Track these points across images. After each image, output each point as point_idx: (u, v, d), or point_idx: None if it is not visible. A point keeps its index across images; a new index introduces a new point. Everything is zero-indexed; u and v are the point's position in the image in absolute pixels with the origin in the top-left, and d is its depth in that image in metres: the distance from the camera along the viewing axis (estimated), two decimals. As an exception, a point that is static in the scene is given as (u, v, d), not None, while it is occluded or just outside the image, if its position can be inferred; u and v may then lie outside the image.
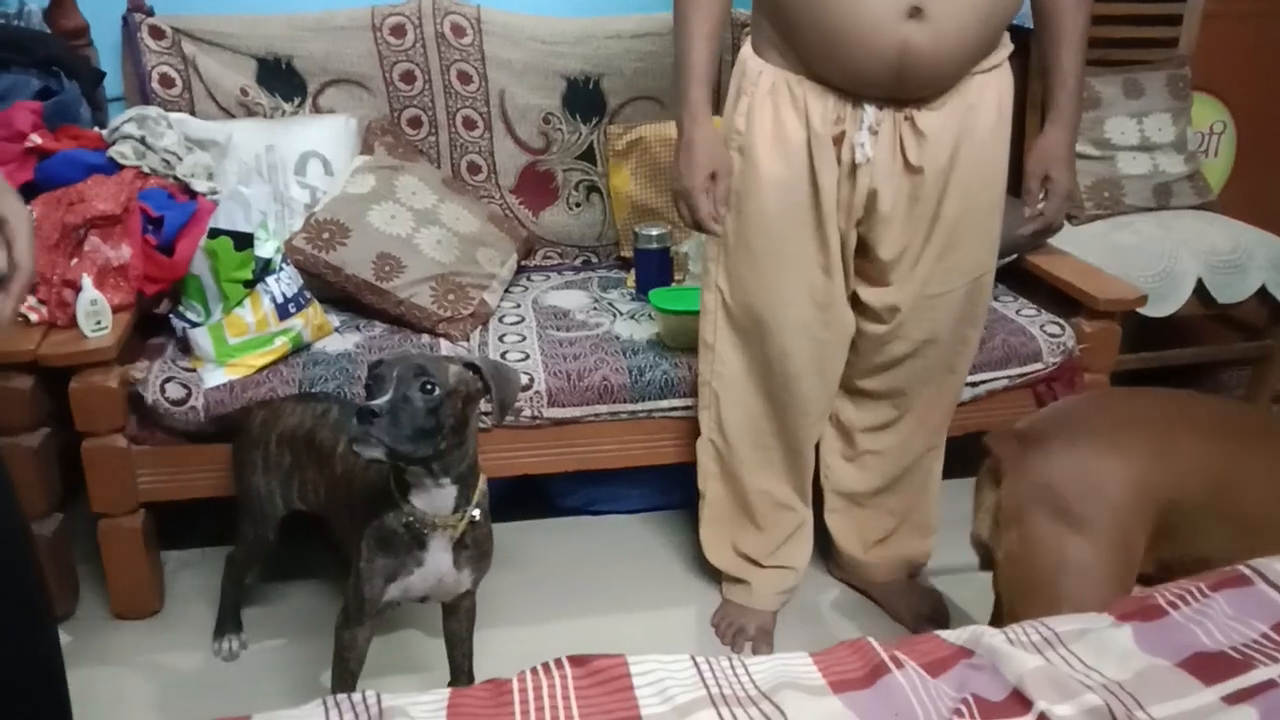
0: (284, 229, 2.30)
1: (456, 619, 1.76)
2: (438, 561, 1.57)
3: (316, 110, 2.51)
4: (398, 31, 2.49)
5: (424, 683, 1.87)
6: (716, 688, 1.08)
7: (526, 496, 2.37)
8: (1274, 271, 2.57)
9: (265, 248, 2.03)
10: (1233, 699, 1.05)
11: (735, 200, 1.77)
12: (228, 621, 1.99)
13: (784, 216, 1.75)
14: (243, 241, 2.00)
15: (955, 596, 2.14)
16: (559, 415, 2.08)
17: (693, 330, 1.98)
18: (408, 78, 2.52)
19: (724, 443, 1.99)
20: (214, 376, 1.98)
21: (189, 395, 1.96)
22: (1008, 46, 1.75)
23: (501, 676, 1.09)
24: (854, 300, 1.87)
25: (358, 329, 2.23)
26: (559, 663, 1.10)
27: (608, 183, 2.63)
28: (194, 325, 2.02)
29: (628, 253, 2.57)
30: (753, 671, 1.11)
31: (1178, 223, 2.64)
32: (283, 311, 2.04)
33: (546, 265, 2.66)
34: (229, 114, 2.45)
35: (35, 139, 2.05)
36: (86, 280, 1.90)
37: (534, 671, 1.09)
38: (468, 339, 2.22)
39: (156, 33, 2.40)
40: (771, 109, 1.71)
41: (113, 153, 2.11)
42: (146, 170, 2.13)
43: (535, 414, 2.06)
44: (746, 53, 1.75)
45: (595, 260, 2.69)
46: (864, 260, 1.83)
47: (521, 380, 2.02)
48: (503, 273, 2.41)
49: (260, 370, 2.02)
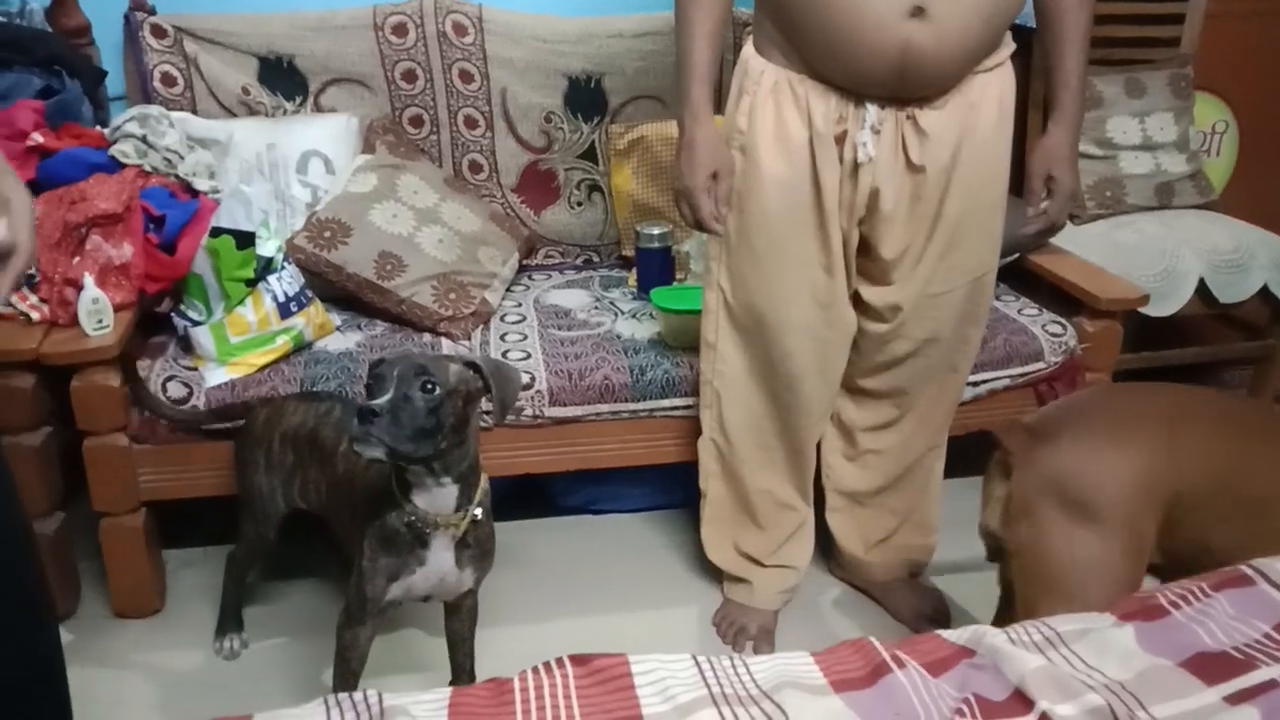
0: (285, 228, 2.30)
1: (458, 618, 1.76)
2: (440, 561, 1.57)
3: (318, 109, 2.51)
4: (399, 30, 2.49)
5: (425, 682, 1.87)
6: (718, 687, 1.07)
7: (528, 496, 2.37)
8: (1276, 271, 2.57)
9: (267, 246, 2.03)
10: (1235, 699, 1.04)
11: (737, 199, 1.77)
12: (229, 620, 1.99)
13: (786, 216, 1.74)
14: (244, 240, 2.00)
15: (956, 596, 2.14)
16: (560, 414, 2.08)
17: (694, 329, 1.98)
18: (409, 76, 2.52)
19: (725, 442, 1.98)
20: (216, 375, 1.98)
21: (191, 394, 1.96)
22: (1010, 45, 1.75)
23: (503, 676, 1.09)
24: (856, 299, 1.87)
25: (359, 328, 2.23)
26: (560, 662, 1.10)
27: (609, 182, 2.63)
28: (196, 324, 2.02)
29: (629, 252, 2.57)
30: (754, 671, 1.11)
31: (1180, 222, 2.64)
32: (284, 310, 2.04)
33: (548, 264, 2.66)
34: (230, 113, 2.45)
35: (37, 138, 2.05)
36: (88, 279, 1.90)
37: (535, 671, 1.09)
38: (469, 338, 2.22)
39: (158, 31, 2.40)
40: (774, 108, 1.70)
41: (114, 151, 2.11)
42: (148, 169, 2.13)
43: (537, 413, 2.06)
44: (748, 52, 1.75)
45: (597, 259, 2.69)
46: (866, 259, 1.83)
47: (522, 379, 2.02)
48: (504, 272, 2.41)
49: (262, 369, 2.02)
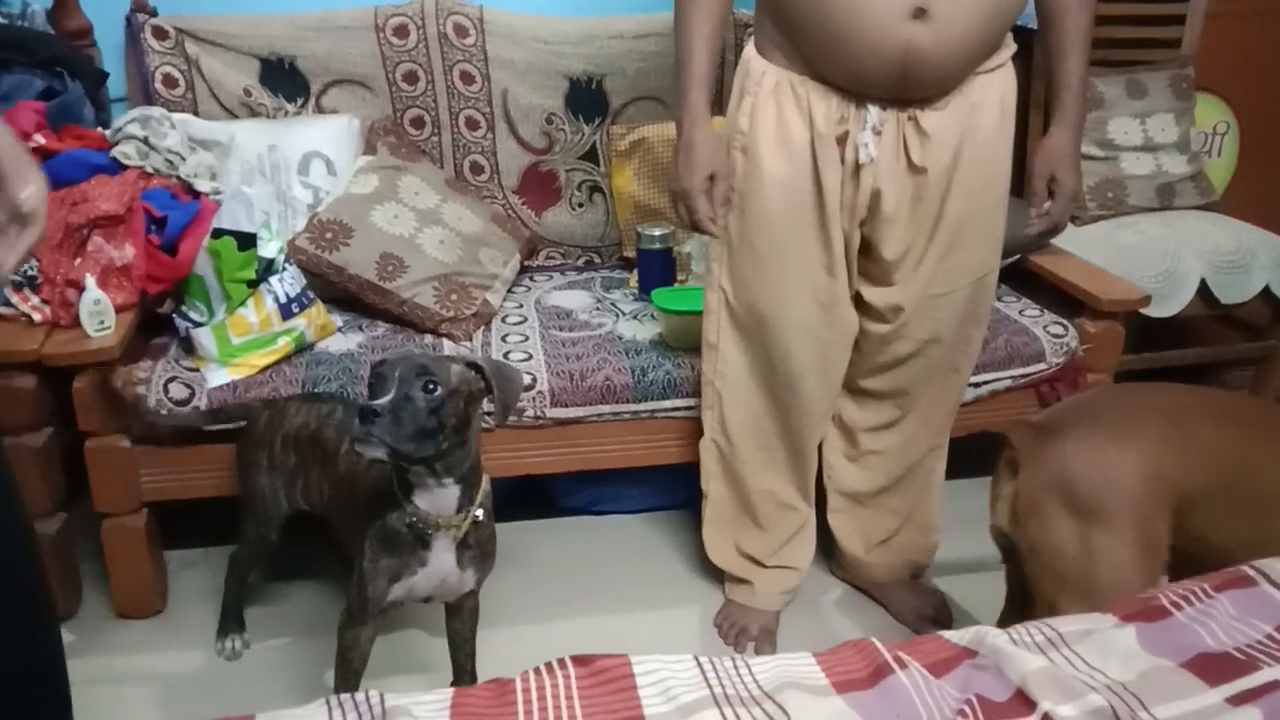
0: (287, 229, 2.30)
1: (460, 619, 1.76)
2: (441, 561, 1.57)
3: (319, 110, 2.51)
4: (400, 32, 2.49)
5: (427, 682, 1.87)
6: (720, 688, 1.08)
7: (529, 496, 2.37)
8: (1277, 271, 2.57)
9: (268, 248, 2.03)
10: (1237, 700, 1.05)
11: (739, 200, 1.77)
12: (231, 621, 1.99)
13: (787, 216, 1.74)
14: (246, 241, 2.00)
15: (958, 597, 2.14)
16: (562, 415, 2.07)
17: (695, 330, 1.98)
18: (410, 78, 2.52)
19: (727, 443, 1.98)
20: (217, 376, 1.98)
21: (192, 395, 1.96)
22: (1011, 46, 1.75)
23: (504, 676, 1.09)
24: (857, 300, 1.87)
25: (360, 329, 2.23)
26: (562, 662, 1.10)
27: (610, 183, 2.63)
28: (197, 325, 2.02)
29: (630, 253, 2.58)
30: (756, 671, 1.11)
31: (1181, 223, 2.64)
32: (286, 311, 2.04)
33: (549, 265, 2.66)
34: (232, 114, 2.45)
35: (39, 139, 2.05)
36: (90, 280, 1.90)
37: (537, 671, 1.09)
38: (470, 339, 2.22)
39: (160, 33, 2.40)
40: (775, 109, 1.70)
41: (116, 153, 2.11)
42: (150, 170, 2.13)
43: (538, 414, 2.06)
44: (750, 53, 1.75)
45: (598, 260, 2.69)
46: (867, 260, 1.83)
47: (524, 380, 2.02)
48: (505, 273, 2.41)
49: (263, 370, 2.02)
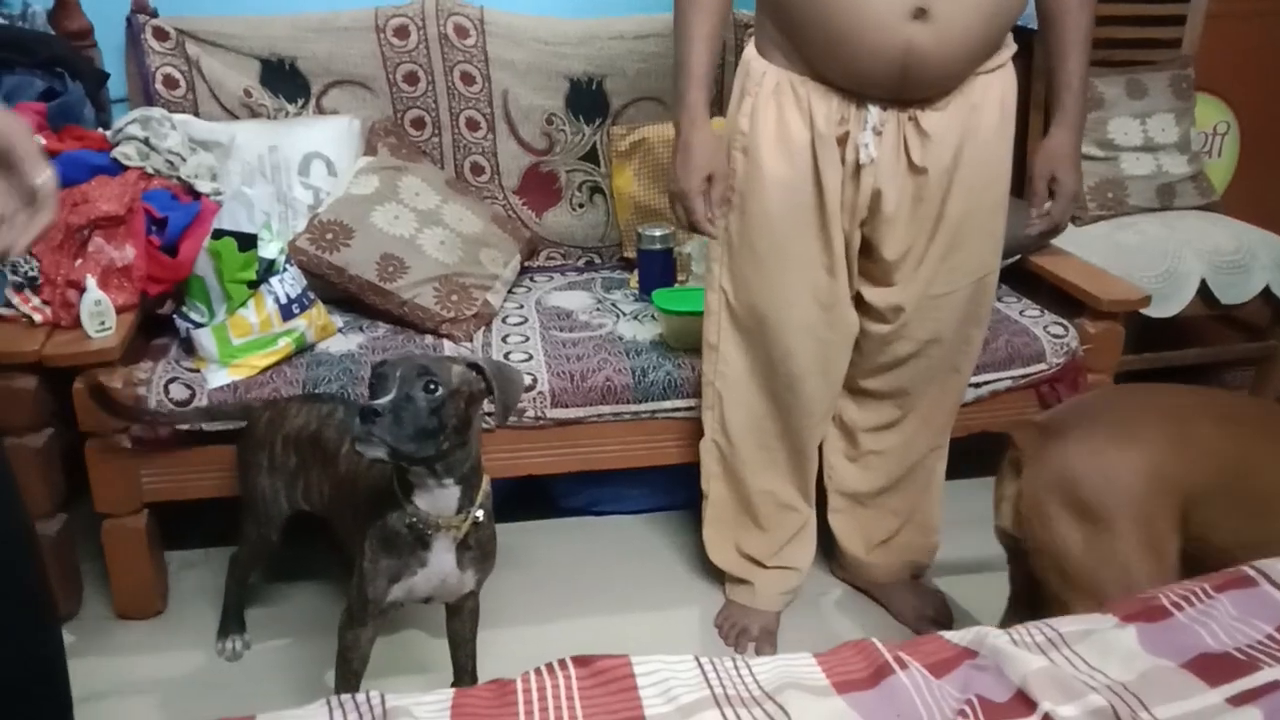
0: (287, 230, 2.30)
1: (460, 619, 1.76)
2: (441, 562, 1.57)
3: (320, 111, 2.51)
4: (401, 33, 2.49)
5: (427, 683, 1.87)
6: (720, 688, 1.08)
7: (530, 497, 2.37)
8: (1277, 272, 2.57)
9: (269, 248, 2.03)
10: (1237, 700, 1.04)
11: (739, 201, 1.77)
12: (231, 622, 1.99)
13: (788, 217, 1.74)
14: (246, 242, 2.00)
15: (958, 597, 2.14)
16: (562, 416, 2.07)
17: (696, 331, 1.98)
18: (411, 79, 2.52)
19: (727, 443, 1.98)
20: (218, 377, 1.99)
21: (193, 396, 1.96)
22: (1011, 47, 1.75)
23: (505, 677, 1.09)
24: (858, 300, 1.87)
25: (361, 330, 2.23)
26: (563, 663, 1.10)
27: (611, 183, 2.63)
28: (198, 326, 2.02)
29: (631, 253, 2.58)
30: (756, 672, 1.11)
31: (1181, 223, 2.64)
32: (286, 312, 2.04)
33: (549, 266, 2.66)
34: (232, 115, 2.45)
35: (39, 140, 2.05)
36: (91, 281, 1.90)
37: (538, 672, 1.09)
38: (471, 340, 2.22)
39: (160, 34, 2.40)
40: (775, 109, 1.70)
41: (117, 154, 2.11)
42: (150, 171, 2.13)
43: (539, 415, 2.06)
44: (750, 53, 1.75)
45: (598, 261, 2.69)
46: (868, 260, 1.83)
47: (524, 381, 2.02)
48: (506, 273, 2.41)
49: (264, 371, 2.02)
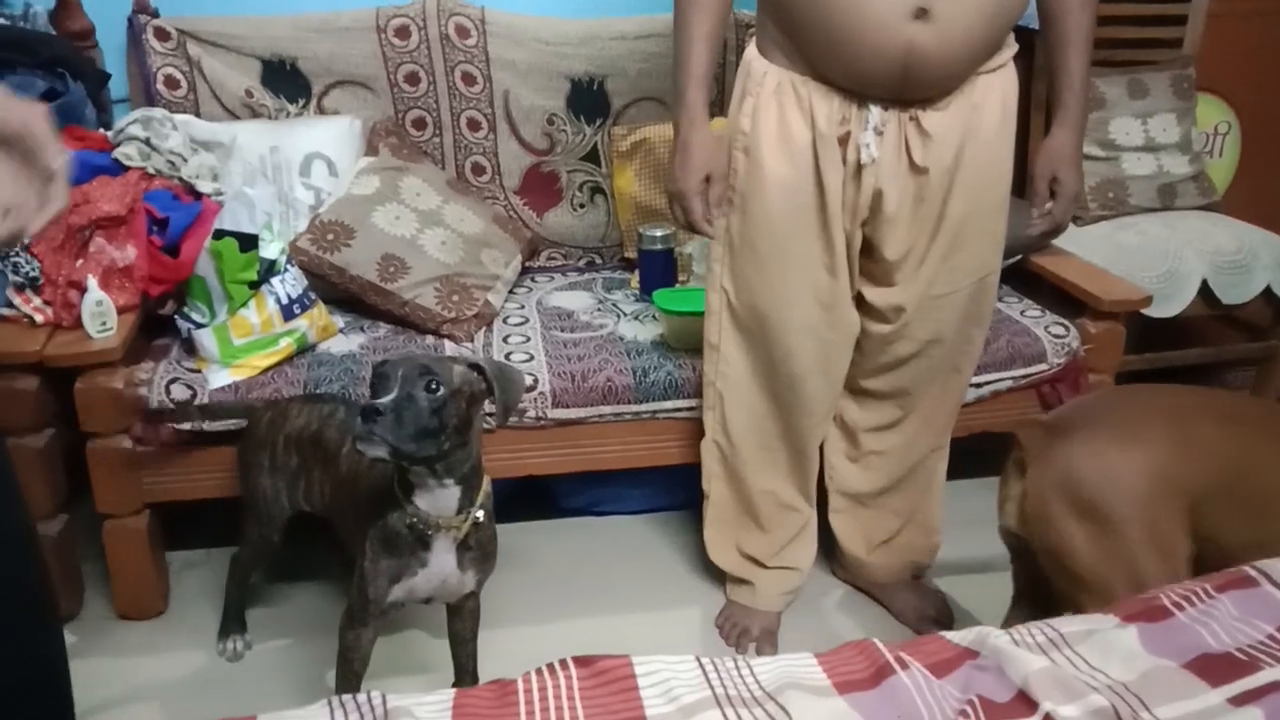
0: (289, 230, 2.30)
1: (461, 620, 1.76)
2: (442, 563, 1.57)
3: (321, 111, 2.51)
4: (402, 33, 2.49)
5: (428, 683, 1.87)
6: (721, 688, 1.07)
7: (531, 497, 2.37)
8: (1278, 272, 2.57)
9: (270, 249, 2.04)
10: (1238, 700, 1.04)
11: (740, 201, 1.77)
12: (232, 622, 1.99)
13: (789, 217, 1.74)
14: (247, 243, 2.00)
15: (959, 597, 2.14)
16: (563, 416, 2.08)
17: (697, 331, 1.98)
18: (412, 79, 2.52)
19: (728, 443, 1.98)
20: (219, 377, 1.99)
21: (194, 396, 1.96)
22: (1012, 46, 1.75)
23: (506, 677, 1.09)
24: (859, 300, 1.87)
25: (362, 330, 2.24)
26: (564, 663, 1.10)
27: (612, 184, 2.63)
28: (199, 326, 2.02)
29: (632, 254, 2.58)
30: (757, 672, 1.11)
31: (1182, 223, 2.64)
32: (287, 312, 2.04)
33: (550, 266, 2.66)
34: (234, 115, 2.45)
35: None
36: (92, 281, 1.90)
37: (539, 672, 1.09)
38: (472, 340, 2.22)
39: (161, 34, 2.40)
40: (777, 109, 1.70)
41: (118, 154, 2.11)
42: (151, 171, 2.13)
43: (539, 415, 2.06)
44: (751, 53, 1.75)
45: (599, 261, 2.69)
46: (869, 260, 1.83)
47: (526, 382, 2.02)
48: (507, 274, 2.41)
49: (265, 371, 2.02)
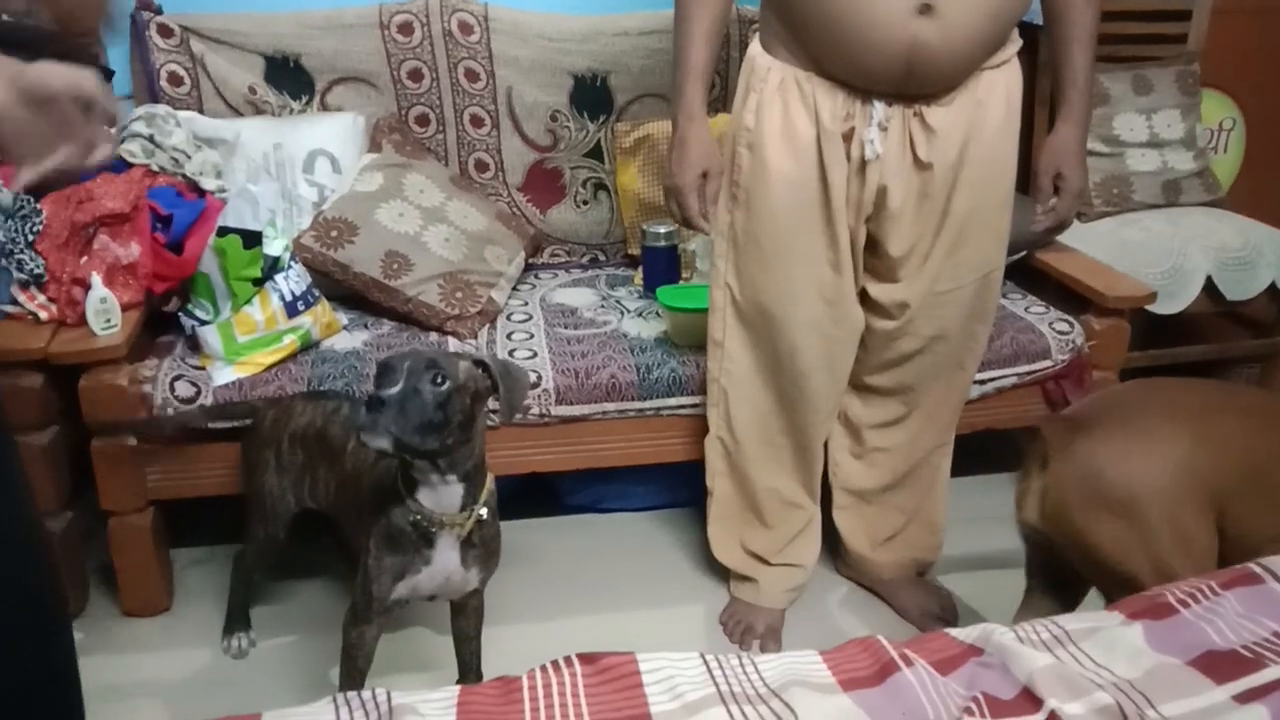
0: (292, 227, 2.31)
1: (464, 617, 1.76)
2: (445, 560, 1.57)
3: (324, 108, 2.51)
4: (405, 29, 2.49)
5: (432, 680, 1.88)
6: (726, 685, 1.08)
7: (534, 494, 2.37)
8: (1284, 268, 2.57)
9: (274, 246, 2.03)
10: (1244, 697, 1.04)
11: (744, 197, 1.77)
12: (237, 619, 1.99)
13: (793, 213, 1.74)
14: (251, 239, 2.00)
15: (964, 594, 2.13)
16: (567, 413, 2.08)
17: (701, 328, 1.98)
18: (415, 75, 2.52)
19: (732, 440, 1.98)
20: (223, 374, 1.99)
21: (198, 393, 1.96)
22: (1017, 42, 1.74)
23: (510, 674, 1.09)
24: (863, 297, 1.87)
25: (366, 327, 2.24)
26: (569, 660, 1.10)
27: (615, 180, 2.63)
28: (203, 323, 2.02)
29: (635, 250, 2.57)
30: (762, 669, 1.11)
31: (1187, 219, 2.64)
32: (291, 309, 2.04)
33: (554, 263, 2.66)
34: (237, 112, 2.45)
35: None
36: (96, 278, 1.90)
37: (544, 669, 1.09)
38: (475, 337, 2.22)
39: (165, 31, 2.40)
40: (781, 106, 1.70)
41: (121, 151, 2.12)
42: (155, 168, 2.13)
43: (543, 412, 2.06)
44: (755, 50, 1.75)
45: (603, 258, 2.69)
46: (873, 257, 1.83)
47: (530, 380, 2.02)
48: (510, 270, 2.41)
49: (269, 368, 2.02)
